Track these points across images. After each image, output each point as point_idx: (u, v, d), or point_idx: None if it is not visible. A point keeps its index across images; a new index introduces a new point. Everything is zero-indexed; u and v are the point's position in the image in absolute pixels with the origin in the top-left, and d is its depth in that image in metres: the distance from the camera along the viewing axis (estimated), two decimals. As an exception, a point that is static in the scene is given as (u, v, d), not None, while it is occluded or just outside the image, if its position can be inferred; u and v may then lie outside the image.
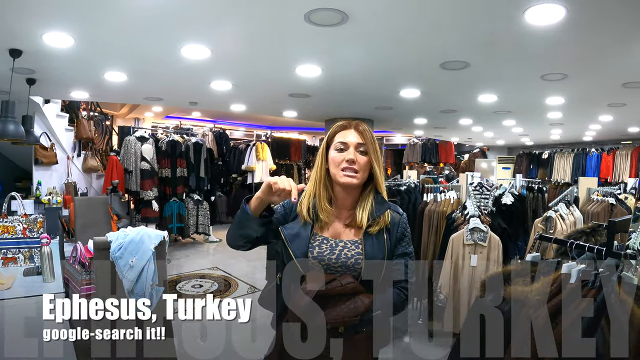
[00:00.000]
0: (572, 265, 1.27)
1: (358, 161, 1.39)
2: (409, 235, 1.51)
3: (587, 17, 2.35)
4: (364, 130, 1.42)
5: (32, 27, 2.60)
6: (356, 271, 1.38)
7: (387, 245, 1.42)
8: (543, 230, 3.36)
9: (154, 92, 4.84)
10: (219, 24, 2.58)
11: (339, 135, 1.43)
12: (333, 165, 1.41)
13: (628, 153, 8.82)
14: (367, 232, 1.41)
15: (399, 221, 1.48)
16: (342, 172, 1.39)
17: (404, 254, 1.46)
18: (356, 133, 1.41)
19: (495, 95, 4.75)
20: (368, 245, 1.39)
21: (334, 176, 1.42)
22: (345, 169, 1.38)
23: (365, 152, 1.40)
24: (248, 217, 1.36)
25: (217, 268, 5.99)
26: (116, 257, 2.17)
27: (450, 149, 12.03)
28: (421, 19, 2.45)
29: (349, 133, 1.42)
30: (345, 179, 1.38)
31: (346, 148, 1.40)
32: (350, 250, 1.39)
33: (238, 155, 9.26)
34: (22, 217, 2.92)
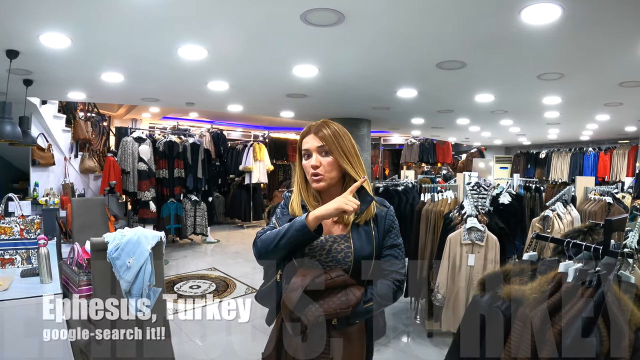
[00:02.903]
0: (569, 264, 1.27)
1: (322, 164, 1.42)
2: (397, 227, 1.53)
3: (583, 16, 2.36)
4: (323, 132, 1.43)
5: (29, 27, 2.60)
6: (347, 264, 1.40)
7: (375, 238, 1.45)
8: (540, 230, 3.37)
9: (151, 92, 4.83)
10: (215, 24, 2.58)
11: (303, 143, 1.47)
12: (306, 172, 1.47)
13: (625, 152, 8.85)
14: (354, 226, 1.44)
15: (386, 214, 1.50)
16: (312, 179, 1.44)
17: (392, 246, 1.49)
18: (315, 138, 1.44)
19: (492, 95, 4.76)
20: (356, 239, 1.42)
21: (310, 183, 1.47)
22: (312, 174, 1.43)
23: (328, 152, 1.42)
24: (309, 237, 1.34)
25: (215, 269, 5.98)
26: (113, 258, 2.16)
27: (448, 149, 12.06)
28: (417, 18, 2.45)
29: (309, 139, 1.45)
30: (314, 184, 1.44)
31: (310, 154, 1.44)
32: (340, 245, 1.41)
33: (235, 156, 9.26)
34: (20, 219, 2.91)
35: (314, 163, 1.42)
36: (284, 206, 1.54)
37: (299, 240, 1.33)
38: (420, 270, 3.81)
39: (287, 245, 1.33)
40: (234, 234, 8.92)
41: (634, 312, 1.10)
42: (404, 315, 4.19)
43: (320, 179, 1.42)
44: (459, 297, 3.24)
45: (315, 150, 1.43)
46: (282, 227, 1.34)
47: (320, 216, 1.31)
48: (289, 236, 1.32)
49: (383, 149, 13.96)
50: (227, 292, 4.94)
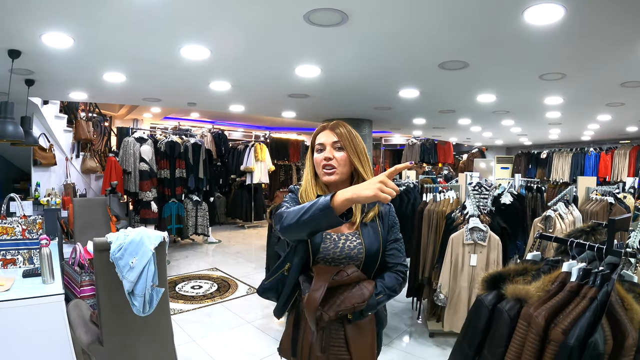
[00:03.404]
0: (572, 264, 1.27)
1: (335, 158, 1.49)
2: (398, 223, 1.62)
3: (585, 17, 2.36)
4: (339, 130, 1.51)
5: (31, 27, 2.60)
6: (358, 260, 1.47)
7: (382, 234, 1.52)
8: (542, 230, 3.37)
9: (153, 93, 4.84)
10: (218, 24, 2.58)
11: (317, 138, 1.55)
12: (316, 166, 1.54)
13: (626, 152, 8.84)
14: (363, 224, 1.51)
15: (389, 211, 1.59)
16: (323, 171, 1.50)
17: (395, 240, 1.57)
18: (331, 133, 1.51)
19: (494, 95, 4.76)
20: (366, 236, 1.49)
21: (320, 176, 1.53)
22: (324, 166, 1.50)
23: (342, 148, 1.49)
24: (333, 220, 1.21)
25: (216, 269, 5.99)
26: (116, 258, 2.17)
27: (449, 149, 12.06)
28: (420, 19, 2.45)
29: (325, 134, 1.53)
30: (325, 177, 1.50)
31: (324, 148, 1.51)
32: (352, 242, 1.47)
33: (237, 156, 9.26)
34: (21, 219, 2.92)
35: (328, 155, 1.49)
36: (292, 197, 1.56)
37: (320, 221, 1.22)
38: (422, 270, 3.81)
39: (308, 222, 1.23)
40: (235, 234, 8.92)
41: (637, 311, 1.10)
42: (406, 315, 4.20)
43: (333, 171, 1.48)
44: (461, 297, 3.24)
45: (330, 145, 1.50)
46: (306, 204, 1.27)
47: (350, 199, 1.18)
48: (311, 214, 1.22)
49: (384, 149, 13.97)
50: (228, 292, 4.94)
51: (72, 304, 2.59)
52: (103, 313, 2.23)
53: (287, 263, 1.52)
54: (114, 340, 2.26)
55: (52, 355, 2.30)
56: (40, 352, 2.26)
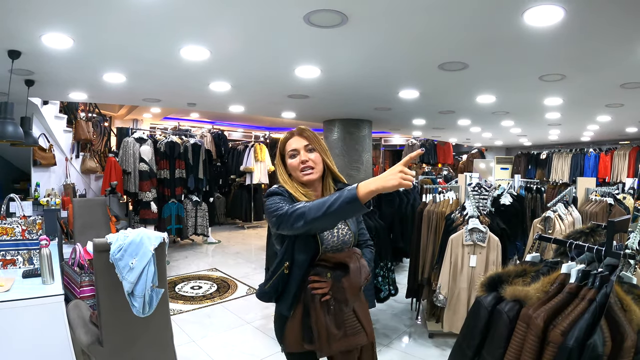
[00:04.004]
0: (571, 265, 1.27)
1: (310, 159, 1.67)
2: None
3: (585, 18, 2.36)
4: (307, 134, 1.70)
5: (31, 28, 2.60)
6: (350, 244, 1.70)
7: (357, 219, 1.79)
8: (542, 231, 3.37)
9: (153, 93, 4.84)
10: (218, 25, 2.58)
11: (288, 145, 1.71)
12: (292, 169, 1.70)
13: (626, 153, 8.85)
14: None
15: None
16: (301, 173, 1.67)
17: (361, 222, 1.85)
18: (301, 138, 1.70)
19: (494, 96, 4.76)
20: (351, 223, 1.72)
21: (297, 178, 1.69)
22: (303, 169, 1.66)
23: (313, 149, 1.69)
24: (359, 211, 1.35)
25: (216, 269, 5.99)
26: (116, 259, 2.17)
27: (449, 150, 12.06)
28: (421, 20, 2.45)
29: (295, 140, 1.70)
30: (306, 176, 1.67)
31: (297, 152, 1.68)
32: (343, 230, 1.68)
33: (236, 157, 9.26)
34: (21, 219, 2.92)
35: (304, 158, 1.67)
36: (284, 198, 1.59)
37: (347, 212, 1.37)
38: (422, 271, 3.81)
39: (336, 214, 1.35)
40: (235, 234, 8.92)
41: (636, 312, 1.10)
42: (406, 316, 4.20)
43: (312, 171, 1.67)
44: (460, 298, 3.25)
45: (303, 148, 1.68)
46: (329, 197, 1.37)
47: (376, 190, 1.30)
48: (339, 206, 1.33)
49: (384, 150, 13.96)
50: (228, 292, 4.94)
51: (71, 305, 2.59)
52: (103, 314, 2.23)
53: (285, 262, 1.59)
54: (113, 340, 2.26)
55: (52, 356, 2.29)
56: (40, 352, 2.26)
